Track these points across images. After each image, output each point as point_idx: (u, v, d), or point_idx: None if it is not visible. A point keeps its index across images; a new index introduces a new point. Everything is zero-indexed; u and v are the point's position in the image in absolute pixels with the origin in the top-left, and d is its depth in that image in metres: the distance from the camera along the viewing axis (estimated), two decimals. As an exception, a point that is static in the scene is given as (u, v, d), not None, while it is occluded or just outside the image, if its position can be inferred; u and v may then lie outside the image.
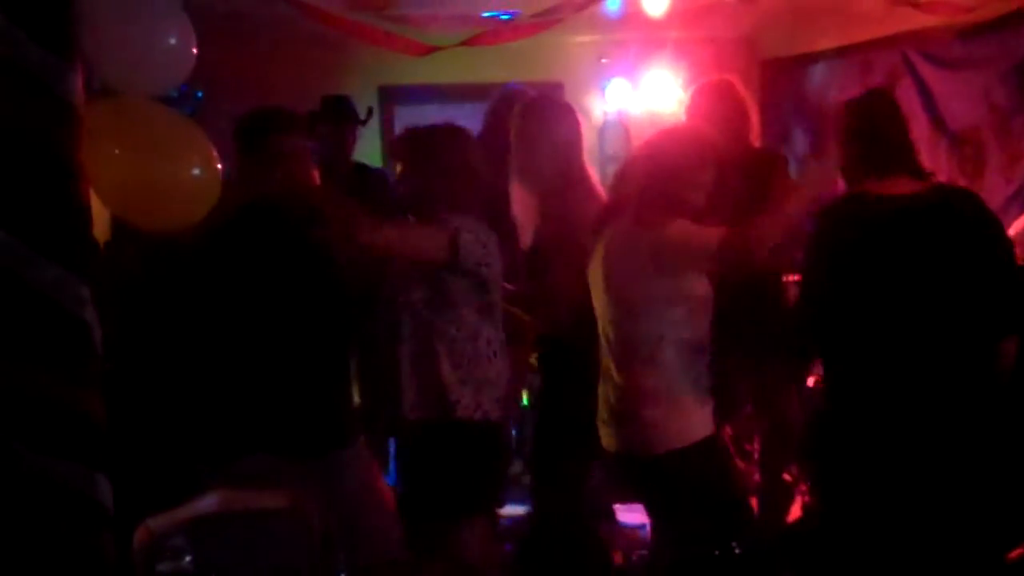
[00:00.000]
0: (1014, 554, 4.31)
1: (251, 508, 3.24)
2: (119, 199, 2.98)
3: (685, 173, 3.44)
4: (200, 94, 6.32)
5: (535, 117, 4.21)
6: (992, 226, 3.67)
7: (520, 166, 4.20)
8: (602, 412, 3.55)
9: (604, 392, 3.54)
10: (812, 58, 7.09)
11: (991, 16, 5.30)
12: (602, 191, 4.20)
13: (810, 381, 5.59)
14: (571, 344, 3.97)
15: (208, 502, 3.16)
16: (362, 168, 5.89)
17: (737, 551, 3.24)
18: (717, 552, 3.27)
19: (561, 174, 4.16)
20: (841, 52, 6.81)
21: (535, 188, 4.21)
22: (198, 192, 3.05)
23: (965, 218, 3.57)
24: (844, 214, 3.58)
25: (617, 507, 5.60)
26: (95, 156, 2.91)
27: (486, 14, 4.72)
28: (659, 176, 3.43)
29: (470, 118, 6.81)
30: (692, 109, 4.75)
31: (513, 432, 5.82)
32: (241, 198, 3.54)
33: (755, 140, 4.88)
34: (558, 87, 7.09)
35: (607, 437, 3.53)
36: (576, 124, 4.27)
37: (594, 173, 4.31)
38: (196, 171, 3.03)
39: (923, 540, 3.46)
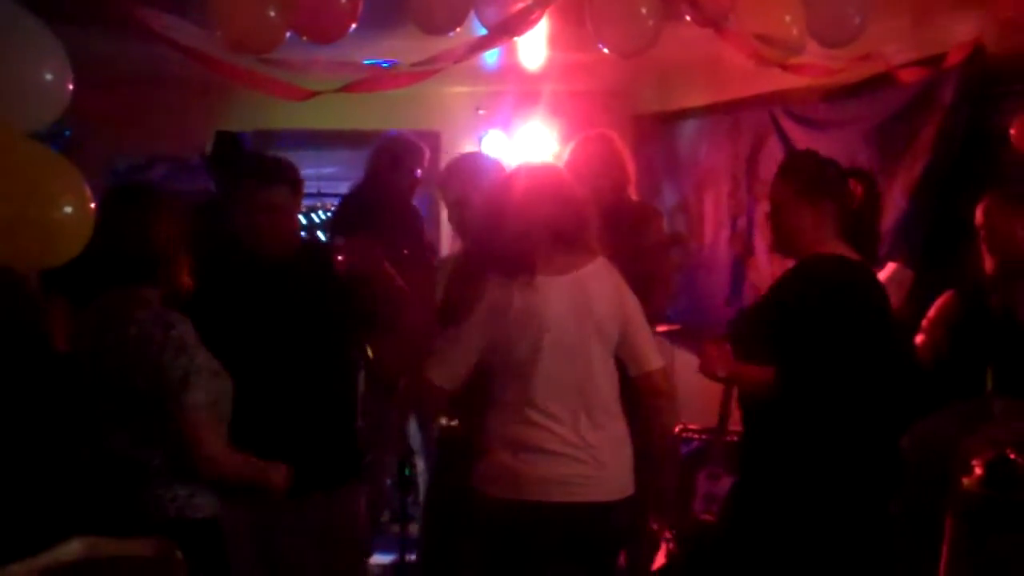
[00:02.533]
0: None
1: (116, 555, 3.16)
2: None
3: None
4: (68, 132, 6.21)
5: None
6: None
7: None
8: (556, 465, 3.32)
9: (555, 440, 3.33)
10: (683, 114, 7.27)
11: (855, 79, 5.49)
12: None
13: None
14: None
15: (71, 548, 3.06)
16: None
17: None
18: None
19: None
20: (710, 109, 7.00)
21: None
22: (70, 230, 2.98)
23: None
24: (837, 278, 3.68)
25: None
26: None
27: (367, 61, 4.73)
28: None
29: (346, 164, 6.87)
30: (572, 161, 4.83)
31: (388, 481, 5.83)
32: None
33: (633, 193, 4.98)
34: (435, 136, 7.14)
35: (565, 488, 3.31)
36: None
37: None
38: (68, 209, 2.96)
39: None
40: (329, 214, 7.96)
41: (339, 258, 3.79)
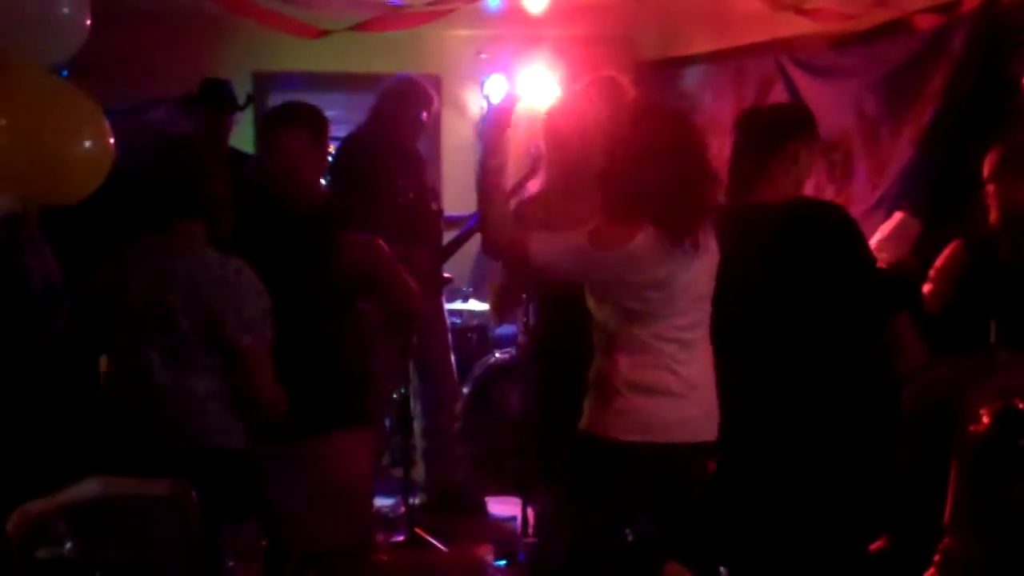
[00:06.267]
0: (875, 546, 4.48)
1: (133, 494, 3.16)
2: (7, 172, 2.85)
3: None
4: (65, 72, 6.13)
5: None
6: (851, 234, 3.78)
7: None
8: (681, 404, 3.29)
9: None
10: (688, 61, 7.21)
11: (863, 27, 5.46)
12: None
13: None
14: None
15: (89, 487, 3.07)
16: (237, 154, 5.80)
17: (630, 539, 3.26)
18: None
19: None
20: (716, 56, 6.93)
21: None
22: (89, 165, 2.94)
23: (824, 227, 3.72)
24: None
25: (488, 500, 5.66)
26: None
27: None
28: None
29: (346, 107, 6.79)
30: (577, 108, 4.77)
31: (386, 423, 5.81)
32: None
33: None
34: (435, 80, 7.07)
35: (683, 426, 3.27)
36: None
37: None
38: (88, 144, 2.92)
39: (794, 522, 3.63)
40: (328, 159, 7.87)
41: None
